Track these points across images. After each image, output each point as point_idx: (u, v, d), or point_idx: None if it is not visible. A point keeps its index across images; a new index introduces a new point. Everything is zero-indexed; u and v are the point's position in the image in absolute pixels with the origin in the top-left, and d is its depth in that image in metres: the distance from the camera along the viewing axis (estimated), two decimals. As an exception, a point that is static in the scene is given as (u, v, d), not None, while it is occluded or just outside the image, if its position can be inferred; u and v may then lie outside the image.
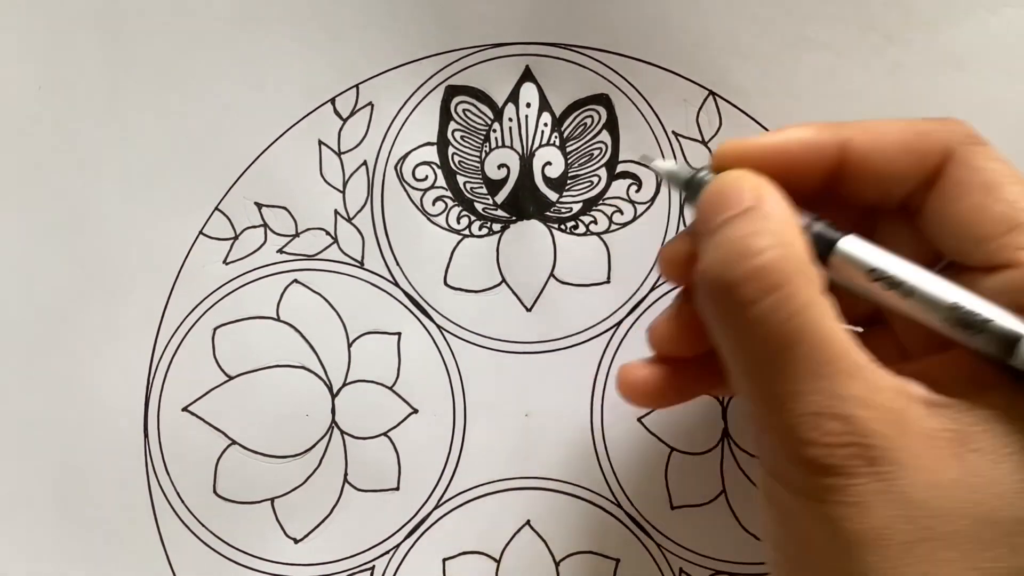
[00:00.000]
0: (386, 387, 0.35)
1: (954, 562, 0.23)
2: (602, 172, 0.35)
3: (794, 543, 0.26)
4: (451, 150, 0.35)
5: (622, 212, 0.35)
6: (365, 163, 0.35)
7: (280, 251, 0.35)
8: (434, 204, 0.35)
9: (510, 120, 0.35)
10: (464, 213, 0.35)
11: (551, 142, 0.35)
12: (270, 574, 0.34)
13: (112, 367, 0.34)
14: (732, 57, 0.34)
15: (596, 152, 0.35)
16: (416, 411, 0.35)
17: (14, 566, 0.34)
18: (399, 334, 0.35)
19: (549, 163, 0.35)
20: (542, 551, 0.34)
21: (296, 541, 0.34)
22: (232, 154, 0.35)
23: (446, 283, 0.35)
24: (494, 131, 0.35)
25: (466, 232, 0.35)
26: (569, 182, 0.35)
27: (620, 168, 0.35)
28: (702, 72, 0.35)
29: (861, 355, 0.24)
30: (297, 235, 0.35)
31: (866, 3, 0.34)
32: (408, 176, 0.35)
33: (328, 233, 0.35)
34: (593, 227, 0.35)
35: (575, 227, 0.35)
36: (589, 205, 0.35)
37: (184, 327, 0.35)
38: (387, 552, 0.34)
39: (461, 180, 0.35)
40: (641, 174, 0.35)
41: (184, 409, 0.34)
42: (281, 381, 0.34)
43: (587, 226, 0.35)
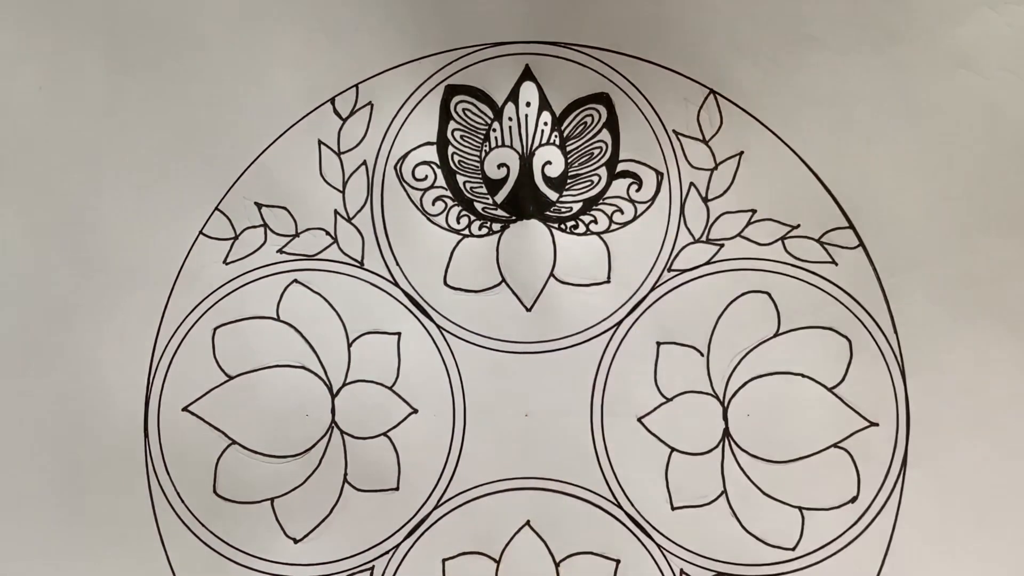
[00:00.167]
0: (386, 387, 0.35)
1: None
2: (602, 171, 0.35)
3: None
4: (451, 149, 0.35)
5: (622, 212, 0.35)
6: (365, 163, 0.35)
7: (280, 251, 0.35)
8: (434, 204, 0.35)
9: (510, 119, 0.35)
10: (464, 213, 0.35)
11: (551, 141, 0.35)
12: (270, 574, 0.34)
13: (112, 367, 0.34)
14: (733, 56, 0.34)
15: (596, 151, 0.35)
16: (416, 411, 0.35)
17: (14, 566, 0.34)
18: (399, 334, 0.35)
19: (549, 162, 0.35)
20: (542, 551, 0.34)
21: (296, 541, 0.34)
22: (232, 154, 0.35)
23: (446, 283, 0.35)
24: (494, 130, 0.35)
25: (466, 232, 0.35)
26: (569, 181, 0.35)
27: (620, 167, 0.35)
28: (703, 71, 0.34)
29: None
30: (297, 235, 0.35)
31: (867, 1, 0.34)
32: (408, 176, 0.35)
33: (328, 233, 0.35)
34: (593, 227, 0.35)
35: (575, 227, 0.35)
36: (589, 204, 0.35)
37: (184, 327, 0.35)
38: (387, 552, 0.34)
39: (461, 180, 0.35)
40: (641, 173, 0.35)
41: (184, 409, 0.35)
42: (281, 381, 0.35)
43: (587, 226, 0.35)
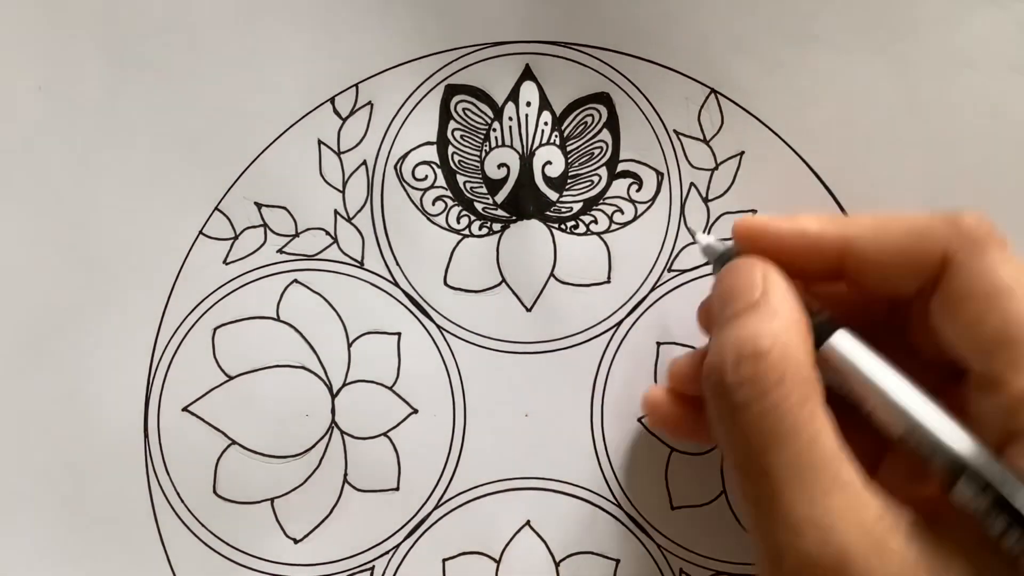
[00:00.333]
0: (386, 387, 0.35)
1: None
2: (602, 171, 0.35)
3: None
4: (451, 149, 0.35)
5: (622, 212, 0.35)
6: (365, 163, 0.35)
7: (280, 251, 0.35)
8: (434, 204, 0.35)
9: (510, 119, 0.35)
10: (464, 213, 0.35)
11: (551, 141, 0.35)
12: (270, 574, 0.34)
13: (112, 367, 0.34)
14: (734, 55, 0.34)
15: (596, 151, 0.35)
16: (416, 411, 0.35)
17: (14, 566, 0.34)
18: (399, 334, 0.35)
19: (549, 162, 0.35)
20: (542, 551, 0.34)
21: (296, 541, 0.34)
22: (232, 154, 0.35)
23: (446, 283, 0.35)
24: (494, 130, 0.35)
25: (466, 232, 0.35)
26: (569, 181, 0.35)
27: (621, 167, 0.35)
28: (704, 70, 0.34)
29: (850, 470, 0.25)
30: (297, 235, 0.35)
31: (870, 0, 0.34)
32: (408, 176, 0.35)
33: (328, 233, 0.35)
34: (593, 227, 0.35)
35: (575, 227, 0.35)
36: (589, 205, 0.35)
37: (184, 327, 0.35)
38: (387, 552, 0.34)
39: (461, 180, 0.35)
40: (642, 173, 0.35)
41: (184, 409, 0.35)
42: (281, 381, 0.35)
43: (587, 226, 0.35)
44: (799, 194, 0.34)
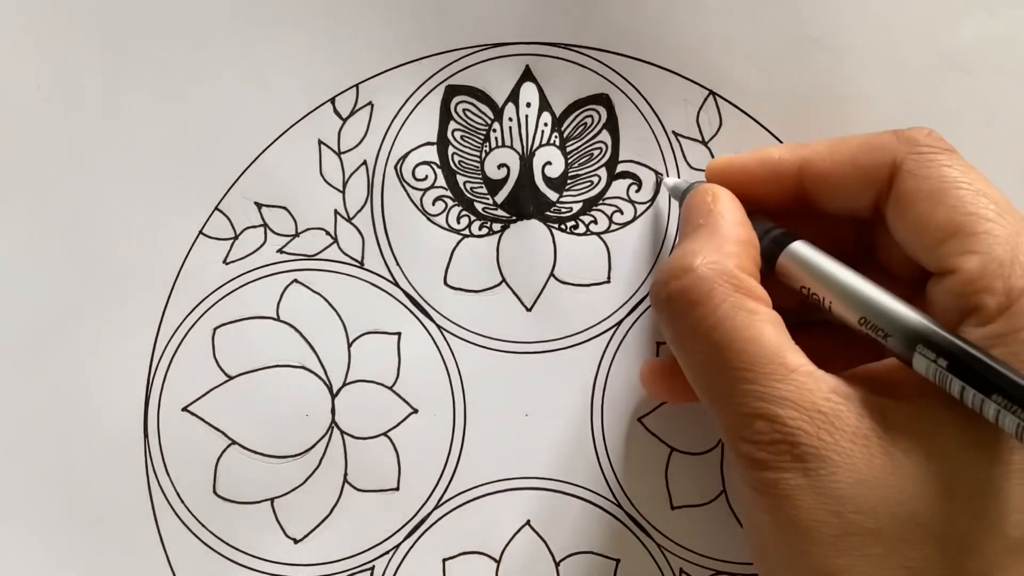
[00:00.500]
0: (386, 387, 0.35)
1: (880, 557, 0.25)
2: (602, 172, 0.35)
3: (751, 530, 0.28)
4: (451, 150, 0.35)
5: (622, 212, 0.35)
6: (365, 163, 0.35)
7: (280, 251, 0.35)
8: (434, 204, 0.35)
9: (510, 120, 0.35)
10: (464, 213, 0.35)
11: (551, 142, 0.35)
12: (270, 574, 0.34)
13: (112, 367, 0.34)
14: (732, 57, 0.34)
15: (596, 152, 0.35)
16: (416, 411, 0.35)
17: (14, 566, 0.34)
18: (399, 334, 0.35)
19: (549, 163, 0.35)
20: (542, 551, 0.34)
21: (296, 541, 0.34)
22: (232, 154, 0.35)
23: (446, 283, 0.35)
24: (494, 131, 0.35)
25: (466, 232, 0.35)
26: (569, 182, 0.35)
27: (620, 168, 0.35)
28: (702, 72, 0.35)
29: (796, 357, 0.26)
30: (297, 235, 0.35)
31: (867, 3, 0.34)
32: (408, 176, 0.35)
33: (328, 233, 0.35)
34: (593, 227, 0.35)
35: (575, 227, 0.35)
36: (589, 205, 0.35)
37: (184, 327, 0.35)
38: (387, 552, 0.34)
39: (461, 180, 0.35)
40: (641, 174, 0.35)
41: (184, 409, 0.34)
42: (281, 381, 0.34)
43: (587, 226, 0.35)
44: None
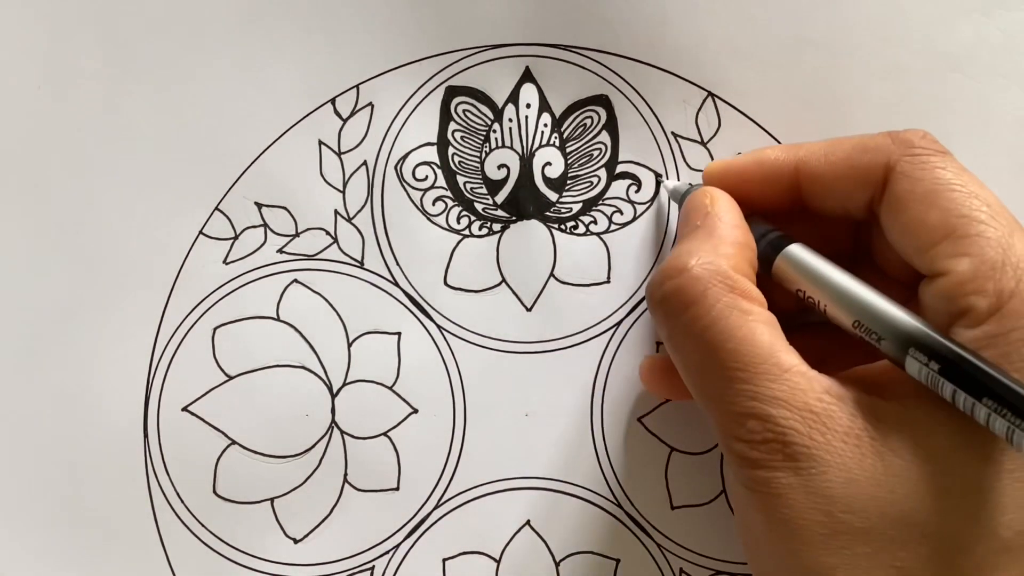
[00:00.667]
0: (386, 387, 0.35)
1: (870, 556, 0.25)
2: (602, 172, 0.35)
3: (744, 528, 0.28)
4: (451, 150, 0.35)
5: (622, 212, 0.35)
6: (365, 163, 0.35)
7: (280, 251, 0.35)
8: (434, 204, 0.35)
9: (510, 120, 0.35)
10: (464, 213, 0.35)
11: (551, 142, 0.35)
12: (270, 574, 0.34)
13: (112, 367, 0.34)
14: (731, 58, 0.35)
15: (596, 152, 0.35)
16: (416, 411, 0.35)
17: (14, 566, 0.34)
18: (399, 334, 0.35)
19: (549, 163, 0.35)
20: (542, 551, 0.34)
21: (296, 541, 0.34)
22: (232, 154, 0.35)
23: (446, 283, 0.35)
24: (494, 131, 0.35)
25: (466, 232, 0.35)
26: (569, 182, 0.35)
27: (620, 168, 0.35)
28: (701, 73, 0.35)
29: (789, 358, 0.26)
30: (297, 235, 0.35)
31: (863, 5, 0.34)
32: (408, 176, 0.35)
33: (328, 233, 0.35)
34: (593, 227, 0.35)
35: (575, 227, 0.35)
36: (589, 205, 0.35)
37: (184, 327, 0.35)
38: (387, 552, 0.34)
39: (461, 180, 0.35)
40: (640, 175, 0.35)
41: (184, 409, 0.34)
42: (281, 381, 0.34)
43: (587, 226, 0.35)
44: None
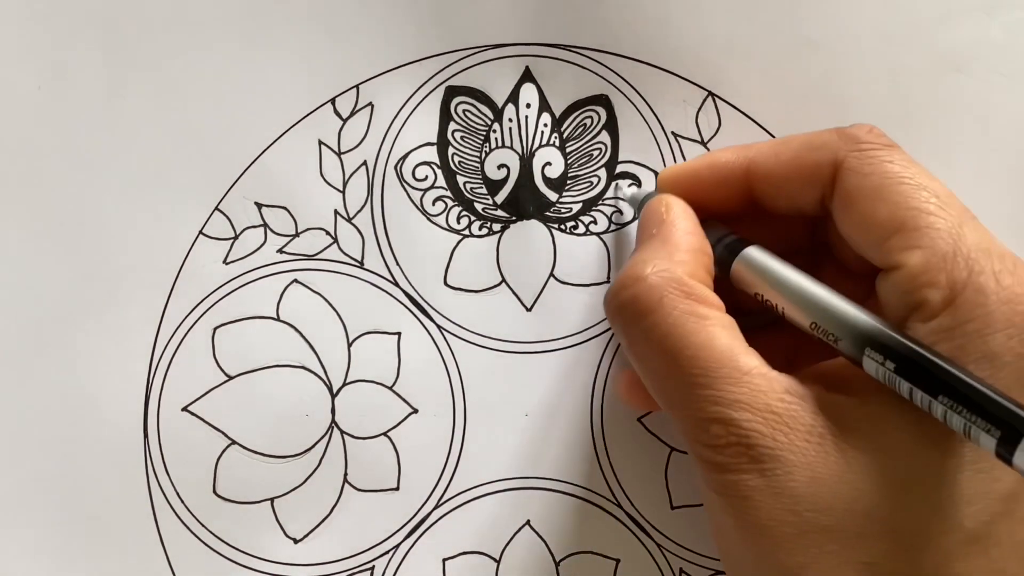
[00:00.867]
0: (386, 387, 0.35)
1: (837, 553, 0.25)
2: (602, 172, 0.35)
3: (716, 532, 0.28)
4: (451, 150, 0.35)
5: (622, 212, 0.35)
6: (365, 163, 0.35)
7: (280, 251, 0.35)
8: (434, 204, 0.35)
9: (510, 120, 0.35)
10: (464, 213, 0.35)
11: (551, 142, 0.35)
12: (270, 574, 0.34)
13: (112, 367, 0.34)
14: (731, 58, 0.35)
15: (596, 152, 0.35)
16: (416, 411, 0.35)
17: (14, 566, 0.34)
18: (399, 334, 0.35)
19: (549, 163, 0.35)
20: (542, 551, 0.34)
21: (296, 541, 0.34)
22: (232, 154, 0.35)
23: (446, 283, 0.35)
24: (494, 131, 0.35)
25: (466, 232, 0.35)
26: (569, 182, 0.35)
27: (620, 168, 0.35)
28: (701, 73, 0.35)
29: (749, 360, 0.26)
30: (297, 235, 0.35)
31: (864, 4, 0.34)
32: (408, 176, 0.35)
33: (328, 233, 0.35)
34: (593, 227, 0.35)
35: (575, 227, 0.35)
36: (589, 205, 0.35)
37: (184, 327, 0.35)
38: (387, 552, 0.34)
39: (461, 180, 0.35)
40: (640, 174, 0.35)
41: (184, 409, 0.34)
42: (281, 381, 0.34)
43: (587, 226, 0.35)
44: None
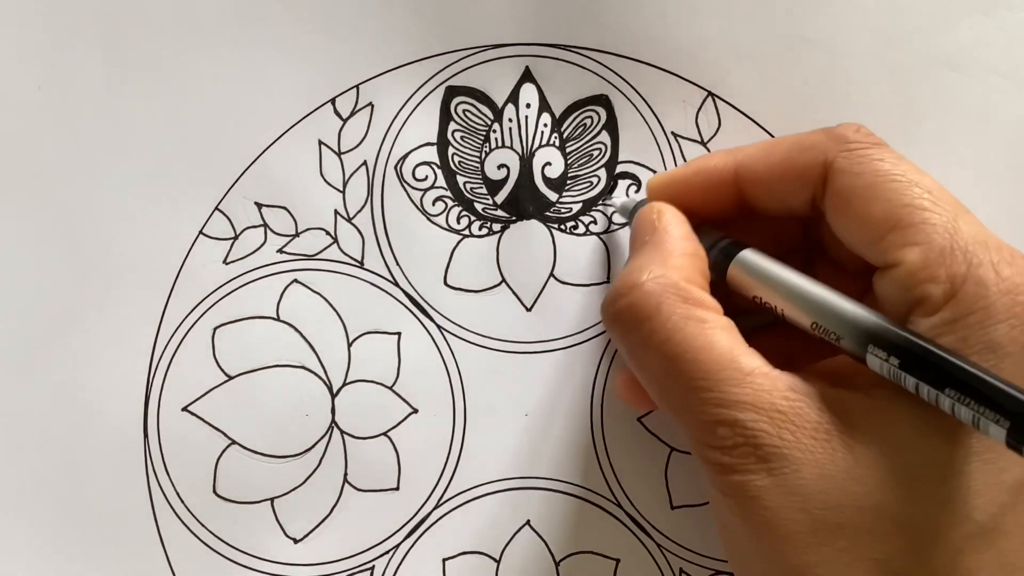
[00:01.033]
0: (386, 387, 0.35)
1: (848, 550, 0.24)
2: (602, 172, 0.35)
3: (725, 533, 0.28)
4: (451, 150, 0.35)
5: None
6: (365, 163, 0.35)
7: (280, 251, 0.35)
8: (434, 204, 0.35)
9: (510, 120, 0.35)
10: (464, 213, 0.35)
11: (551, 142, 0.35)
12: (270, 574, 0.34)
13: (112, 367, 0.34)
14: (731, 58, 0.35)
15: (596, 152, 0.35)
16: (416, 411, 0.35)
17: (14, 566, 0.34)
18: (399, 334, 0.35)
19: (549, 163, 0.35)
20: (542, 551, 0.34)
21: (296, 541, 0.34)
22: (232, 154, 0.35)
23: (446, 283, 0.35)
24: (494, 131, 0.35)
25: (466, 232, 0.35)
26: (569, 182, 0.35)
27: (620, 168, 0.35)
28: (701, 73, 0.35)
29: (750, 360, 0.26)
30: (297, 235, 0.35)
31: (864, 5, 0.34)
32: (408, 176, 0.35)
33: (328, 233, 0.35)
34: (593, 227, 0.35)
35: (575, 227, 0.35)
36: (589, 205, 0.35)
37: (184, 327, 0.35)
38: (387, 552, 0.34)
39: (461, 180, 0.35)
40: (640, 175, 0.35)
41: (184, 409, 0.34)
42: (281, 381, 0.34)
43: (587, 226, 0.35)
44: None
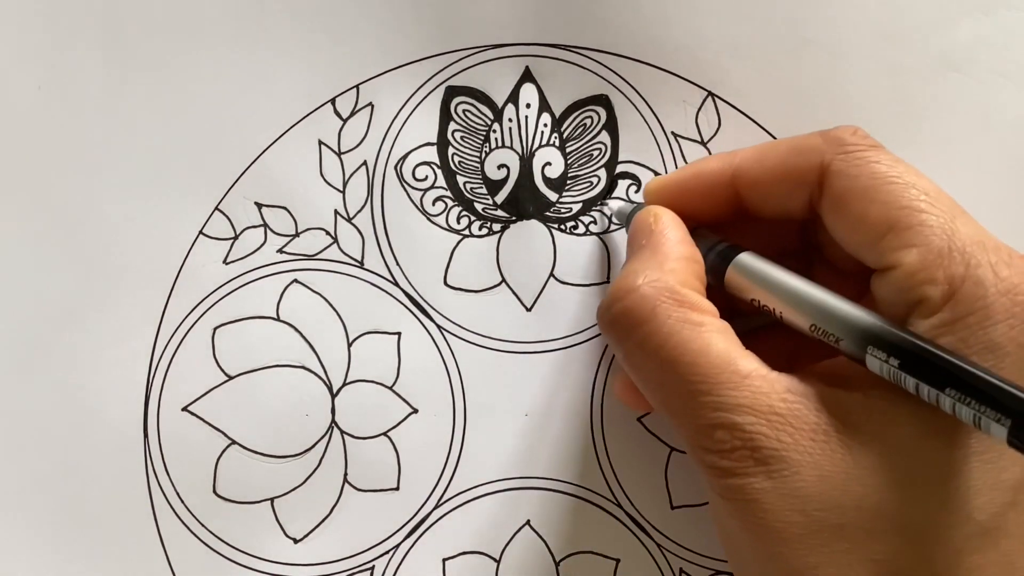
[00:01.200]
0: (386, 387, 0.35)
1: (848, 552, 0.24)
2: (602, 172, 0.35)
3: (724, 536, 0.28)
4: (451, 150, 0.35)
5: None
6: (365, 163, 0.35)
7: (280, 251, 0.35)
8: (434, 204, 0.35)
9: (510, 120, 0.35)
10: (464, 213, 0.35)
11: (551, 142, 0.35)
12: (270, 574, 0.34)
13: (112, 367, 0.34)
14: (731, 58, 0.35)
15: (596, 153, 0.35)
16: (416, 411, 0.35)
17: (14, 566, 0.34)
18: (399, 334, 0.35)
19: (549, 163, 0.35)
20: (542, 551, 0.34)
21: (296, 541, 0.34)
22: (232, 154, 0.35)
23: (446, 283, 0.35)
24: (494, 131, 0.35)
25: (466, 232, 0.35)
26: (569, 182, 0.35)
27: (620, 168, 0.35)
28: (701, 73, 0.35)
29: (747, 363, 0.26)
30: (297, 235, 0.35)
31: (864, 4, 0.34)
32: (408, 176, 0.35)
33: (328, 233, 0.35)
34: (593, 227, 0.35)
35: (575, 227, 0.35)
36: (589, 205, 0.35)
37: (184, 327, 0.35)
38: (387, 552, 0.34)
39: (461, 180, 0.35)
40: (640, 175, 0.35)
41: (184, 409, 0.34)
42: (281, 381, 0.34)
43: (587, 226, 0.35)
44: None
